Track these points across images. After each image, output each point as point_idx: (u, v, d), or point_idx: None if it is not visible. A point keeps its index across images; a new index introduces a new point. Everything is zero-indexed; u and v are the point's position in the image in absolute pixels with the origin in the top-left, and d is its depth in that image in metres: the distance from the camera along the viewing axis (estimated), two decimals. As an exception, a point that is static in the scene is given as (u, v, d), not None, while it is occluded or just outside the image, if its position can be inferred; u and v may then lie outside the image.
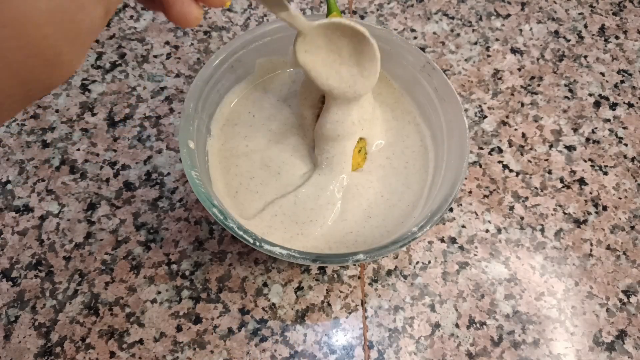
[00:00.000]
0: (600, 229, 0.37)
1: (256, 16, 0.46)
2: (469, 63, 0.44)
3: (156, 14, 0.45)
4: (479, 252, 0.36)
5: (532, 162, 0.40)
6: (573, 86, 0.44)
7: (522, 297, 0.34)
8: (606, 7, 0.48)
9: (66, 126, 0.39)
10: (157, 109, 0.40)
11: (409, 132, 0.36)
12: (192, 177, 0.29)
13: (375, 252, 0.27)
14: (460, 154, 0.31)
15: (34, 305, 0.33)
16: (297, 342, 0.32)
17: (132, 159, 0.38)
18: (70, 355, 0.31)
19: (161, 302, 0.33)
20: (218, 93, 0.35)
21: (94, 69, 0.42)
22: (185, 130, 0.30)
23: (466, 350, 0.32)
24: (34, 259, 0.34)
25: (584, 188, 0.39)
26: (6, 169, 0.37)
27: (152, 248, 0.35)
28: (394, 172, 0.34)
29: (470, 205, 0.37)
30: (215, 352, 0.32)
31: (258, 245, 0.27)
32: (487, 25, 0.46)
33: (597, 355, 0.33)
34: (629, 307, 0.34)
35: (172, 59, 0.43)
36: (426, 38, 0.45)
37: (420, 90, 0.35)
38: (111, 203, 0.36)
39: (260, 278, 0.34)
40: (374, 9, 0.47)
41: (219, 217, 0.28)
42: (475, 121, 0.41)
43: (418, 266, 0.35)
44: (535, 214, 0.37)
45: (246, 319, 0.33)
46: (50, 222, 0.35)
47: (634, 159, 0.40)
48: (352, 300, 0.34)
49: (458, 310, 0.34)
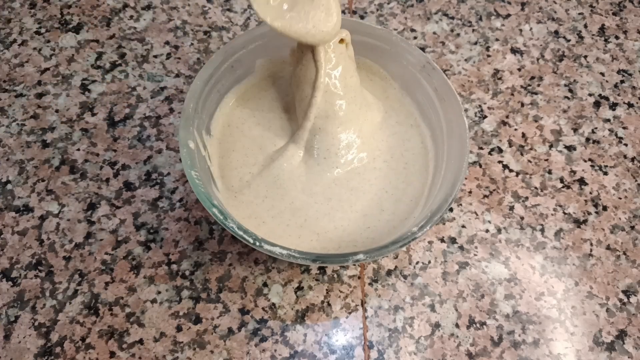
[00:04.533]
0: (600, 229, 0.37)
1: (256, 16, 0.46)
2: (469, 63, 0.44)
3: (156, 14, 0.45)
4: (479, 252, 0.36)
5: (532, 162, 0.40)
6: (573, 86, 0.44)
7: (522, 297, 0.34)
8: (606, 7, 0.48)
9: (66, 126, 0.39)
10: (157, 109, 0.40)
11: (410, 135, 0.36)
12: (192, 177, 0.29)
13: (375, 252, 0.27)
14: (460, 154, 0.31)
15: (34, 305, 0.33)
16: (297, 342, 0.32)
17: (132, 159, 0.38)
18: (70, 355, 0.31)
19: (161, 302, 0.33)
20: (218, 93, 0.35)
21: (94, 69, 0.42)
22: (185, 130, 0.30)
23: (466, 350, 0.32)
24: (34, 259, 0.34)
25: (584, 188, 0.39)
26: (6, 169, 0.37)
27: (152, 248, 0.35)
28: (393, 172, 0.34)
29: (470, 205, 0.37)
30: (215, 352, 0.32)
31: (258, 245, 0.27)
32: (487, 25, 0.46)
33: (597, 355, 0.33)
34: (629, 307, 0.34)
35: (172, 59, 0.43)
36: (426, 38, 0.45)
37: (420, 90, 0.35)
38: (111, 203, 0.36)
39: (260, 278, 0.34)
40: (374, 9, 0.47)
41: (219, 217, 0.28)
42: (475, 121, 0.41)
43: (418, 266, 0.35)
44: (535, 214, 0.37)
45: (246, 319, 0.33)
46: (50, 222, 0.35)
47: (634, 159, 0.40)
48: (352, 300, 0.34)
49: (458, 310, 0.34)
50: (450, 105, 0.33)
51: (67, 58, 0.43)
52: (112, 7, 0.46)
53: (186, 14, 0.45)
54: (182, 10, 0.46)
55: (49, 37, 0.44)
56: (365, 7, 0.47)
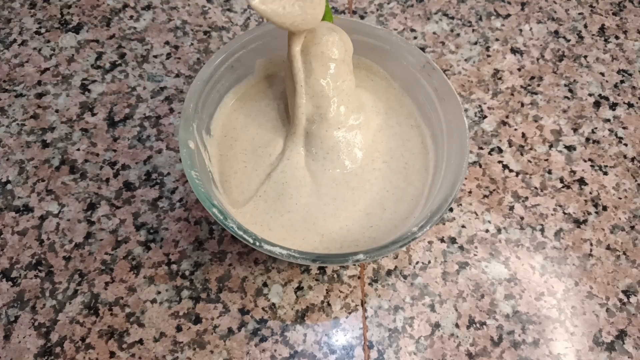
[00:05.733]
0: (600, 229, 0.37)
1: (256, 16, 0.46)
2: (469, 63, 0.44)
3: (156, 13, 0.45)
4: (479, 252, 0.36)
5: (532, 162, 0.40)
6: (573, 86, 0.44)
7: (522, 297, 0.34)
8: (606, 7, 0.48)
9: (66, 126, 0.39)
10: (157, 109, 0.40)
11: (410, 135, 0.36)
12: (192, 177, 0.29)
13: (375, 252, 0.27)
14: (460, 154, 0.31)
15: (33, 305, 0.33)
16: (297, 342, 0.32)
17: (132, 159, 0.38)
18: (70, 355, 0.31)
19: (161, 302, 0.33)
20: (218, 93, 0.35)
21: (94, 69, 0.42)
22: (185, 130, 0.30)
23: (466, 350, 0.32)
24: (33, 259, 0.34)
25: (584, 188, 0.39)
26: (6, 169, 0.37)
27: (152, 248, 0.35)
28: (393, 172, 0.34)
29: (470, 205, 0.37)
30: (215, 352, 0.32)
31: (258, 245, 0.27)
32: (487, 25, 0.46)
33: (597, 355, 0.33)
34: (629, 307, 0.34)
35: (172, 59, 0.43)
36: (426, 38, 0.45)
37: (420, 90, 0.35)
38: (111, 203, 0.36)
39: (260, 278, 0.34)
40: (374, 9, 0.47)
41: (219, 217, 0.28)
42: (475, 121, 0.41)
43: (418, 266, 0.35)
44: (535, 214, 0.37)
45: (246, 319, 0.33)
46: (50, 222, 0.35)
47: (634, 159, 0.40)
48: (352, 300, 0.34)
49: (458, 310, 0.34)
50: (450, 105, 0.33)
51: (67, 58, 0.43)
52: (112, 7, 0.46)
53: (186, 14, 0.45)
54: (182, 10, 0.46)
55: (49, 37, 0.44)
56: (365, 7, 0.47)
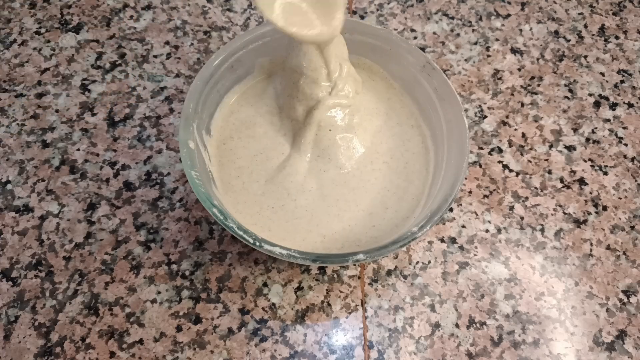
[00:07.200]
0: (600, 229, 0.37)
1: (256, 16, 0.46)
2: (469, 63, 0.44)
3: (156, 14, 0.45)
4: (479, 252, 0.36)
5: (532, 162, 0.40)
6: (573, 86, 0.44)
7: (522, 297, 0.34)
8: (606, 7, 0.48)
9: (66, 126, 0.39)
10: (157, 109, 0.40)
11: (410, 135, 0.36)
12: (192, 177, 0.29)
13: (375, 252, 0.28)
14: (460, 154, 0.31)
15: (34, 305, 0.33)
16: (297, 342, 0.32)
17: (132, 159, 0.38)
18: (70, 355, 0.31)
19: (161, 302, 0.33)
20: (218, 93, 0.35)
21: (94, 69, 0.42)
22: (185, 130, 0.30)
23: (466, 350, 0.32)
24: (34, 259, 0.34)
25: (584, 188, 0.39)
26: (6, 169, 0.37)
27: (152, 248, 0.35)
28: (393, 172, 0.34)
29: (470, 205, 0.37)
30: (215, 352, 0.32)
31: (258, 245, 0.27)
32: (487, 25, 0.46)
33: (597, 355, 0.33)
34: (629, 307, 0.34)
35: (172, 59, 0.43)
36: (426, 38, 0.45)
37: (420, 90, 0.35)
38: (111, 203, 0.36)
39: (260, 278, 0.34)
40: (374, 9, 0.47)
41: (219, 217, 0.28)
42: (475, 121, 0.41)
43: (418, 266, 0.35)
44: (535, 214, 0.37)
45: (246, 319, 0.33)
46: (50, 222, 0.35)
47: (634, 159, 0.40)
48: (352, 300, 0.34)
49: (458, 310, 0.34)
50: (450, 106, 0.33)
51: (67, 58, 0.43)
52: (112, 7, 0.46)
53: (186, 14, 0.45)
54: (182, 10, 0.46)
55: (49, 37, 0.44)
56: (365, 7, 0.47)
